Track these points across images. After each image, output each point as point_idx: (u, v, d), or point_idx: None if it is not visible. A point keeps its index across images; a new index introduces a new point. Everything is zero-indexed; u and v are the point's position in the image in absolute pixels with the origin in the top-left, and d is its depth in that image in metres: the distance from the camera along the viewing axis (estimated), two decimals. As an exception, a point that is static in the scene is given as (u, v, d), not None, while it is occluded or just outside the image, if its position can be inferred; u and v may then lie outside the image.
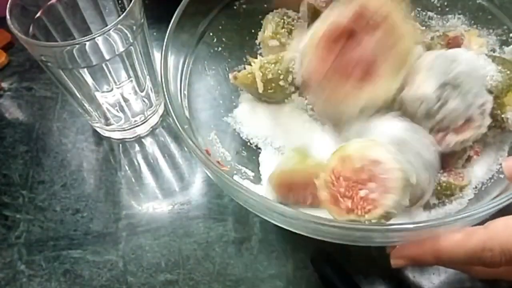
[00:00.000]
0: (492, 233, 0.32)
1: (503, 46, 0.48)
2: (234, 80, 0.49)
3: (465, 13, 0.50)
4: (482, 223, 0.34)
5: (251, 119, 0.50)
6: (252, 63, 0.48)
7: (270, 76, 0.47)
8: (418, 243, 0.34)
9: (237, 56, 0.52)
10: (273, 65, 0.48)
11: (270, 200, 0.37)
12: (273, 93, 0.48)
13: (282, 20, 0.51)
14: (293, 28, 0.51)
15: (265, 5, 0.53)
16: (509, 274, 0.35)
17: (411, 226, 0.34)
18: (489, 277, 0.38)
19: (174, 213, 0.51)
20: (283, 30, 0.50)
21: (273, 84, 0.48)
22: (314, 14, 0.50)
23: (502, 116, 0.42)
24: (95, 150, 0.56)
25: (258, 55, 0.51)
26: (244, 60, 0.52)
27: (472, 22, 0.50)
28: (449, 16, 0.51)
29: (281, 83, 0.47)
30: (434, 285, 0.45)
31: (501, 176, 0.41)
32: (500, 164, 0.42)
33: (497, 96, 0.42)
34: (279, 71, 0.47)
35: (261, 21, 0.53)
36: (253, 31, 0.53)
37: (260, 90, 0.48)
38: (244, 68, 0.49)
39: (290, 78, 0.48)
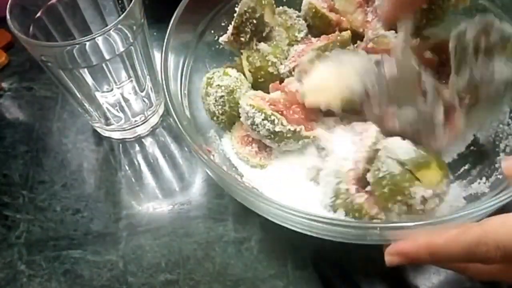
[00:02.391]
0: (488, 228, 0.32)
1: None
2: None
3: (466, 13, 0.50)
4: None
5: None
6: (241, 55, 0.49)
7: (258, 64, 0.48)
8: (412, 239, 0.34)
9: (237, 54, 0.52)
10: (259, 52, 0.48)
11: (270, 198, 0.37)
12: (264, 82, 0.48)
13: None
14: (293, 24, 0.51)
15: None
16: (505, 274, 0.35)
17: (409, 224, 0.34)
18: (485, 279, 0.38)
19: (174, 213, 0.51)
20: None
21: (262, 72, 0.48)
22: (315, 14, 0.50)
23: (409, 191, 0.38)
24: (95, 150, 0.56)
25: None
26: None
27: (473, 22, 0.50)
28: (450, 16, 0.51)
29: (270, 69, 0.48)
30: (434, 285, 0.45)
31: (499, 176, 0.42)
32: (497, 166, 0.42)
33: (410, 170, 0.38)
34: (267, 59, 0.48)
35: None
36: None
37: (250, 81, 0.48)
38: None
39: (278, 65, 0.48)
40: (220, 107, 0.47)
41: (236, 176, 0.45)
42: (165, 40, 0.45)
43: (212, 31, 0.51)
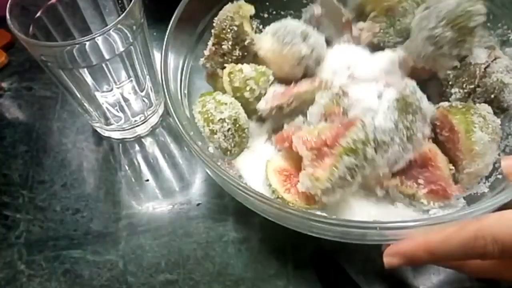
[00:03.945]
0: (485, 223, 0.32)
1: (503, 47, 0.48)
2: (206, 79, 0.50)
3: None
4: None
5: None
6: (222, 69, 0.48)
7: (237, 84, 0.47)
8: (411, 239, 0.34)
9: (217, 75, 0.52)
10: (242, 73, 0.47)
11: (270, 198, 0.37)
12: (239, 102, 0.47)
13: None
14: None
15: (267, 3, 0.53)
16: (504, 269, 0.35)
17: (409, 224, 0.34)
18: (484, 275, 0.38)
19: (174, 213, 0.51)
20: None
21: (238, 94, 0.47)
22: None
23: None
24: (95, 150, 0.56)
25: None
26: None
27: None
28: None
29: (246, 94, 0.47)
30: (434, 285, 0.45)
31: (499, 176, 0.42)
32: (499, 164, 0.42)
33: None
34: (247, 83, 0.46)
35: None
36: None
37: (230, 95, 0.47)
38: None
39: (257, 92, 0.47)
40: (231, 140, 0.45)
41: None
42: (165, 40, 0.45)
43: (212, 31, 0.51)
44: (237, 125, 0.45)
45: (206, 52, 0.48)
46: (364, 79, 0.46)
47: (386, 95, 0.43)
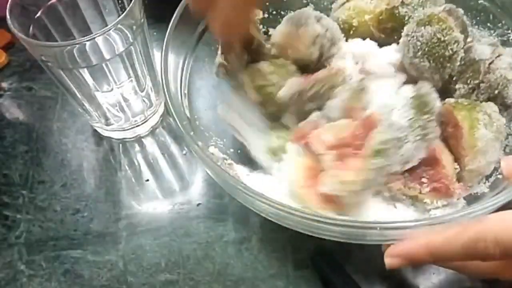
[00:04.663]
0: (487, 224, 0.32)
1: (503, 46, 0.48)
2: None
3: (466, 13, 0.49)
4: None
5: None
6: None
7: (260, 82, 0.46)
8: (412, 239, 0.34)
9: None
10: (260, 71, 0.46)
11: (270, 198, 0.37)
12: (267, 102, 0.46)
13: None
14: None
15: (267, 3, 0.53)
16: (505, 270, 0.35)
17: (409, 224, 0.34)
18: (485, 276, 0.38)
19: (174, 213, 0.51)
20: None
21: (261, 92, 0.46)
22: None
23: None
24: (95, 150, 0.56)
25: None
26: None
27: (474, 22, 0.50)
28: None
29: (270, 89, 0.45)
30: (434, 285, 0.45)
31: (499, 176, 0.42)
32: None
33: None
34: (268, 77, 0.46)
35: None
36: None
37: (254, 99, 0.46)
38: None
39: (280, 84, 0.45)
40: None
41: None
42: (165, 40, 0.45)
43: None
44: None
45: (217, 61, 0.48)
46: (378, 74, 0.46)
47: (402, 92, 0.43)
